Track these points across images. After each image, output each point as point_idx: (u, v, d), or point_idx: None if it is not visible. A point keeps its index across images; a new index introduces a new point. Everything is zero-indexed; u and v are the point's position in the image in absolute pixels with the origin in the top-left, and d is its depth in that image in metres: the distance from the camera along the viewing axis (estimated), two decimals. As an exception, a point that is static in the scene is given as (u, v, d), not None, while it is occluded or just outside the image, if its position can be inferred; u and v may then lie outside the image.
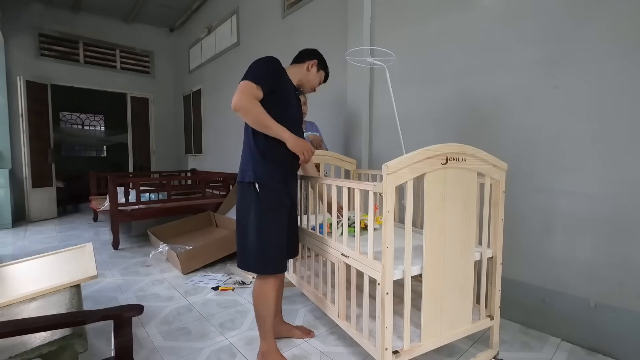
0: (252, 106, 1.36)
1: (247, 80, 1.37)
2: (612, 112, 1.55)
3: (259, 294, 1.51)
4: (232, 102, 1.36)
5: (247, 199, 1.47)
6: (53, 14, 5.52)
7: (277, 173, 1.49)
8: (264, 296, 1.50)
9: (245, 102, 1.35)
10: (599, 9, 1.58)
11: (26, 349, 0.92)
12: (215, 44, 5.41)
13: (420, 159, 1.20)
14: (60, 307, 1.19)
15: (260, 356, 1.54)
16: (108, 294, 2.35)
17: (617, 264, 1.56)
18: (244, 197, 1.49)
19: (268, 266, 1.47)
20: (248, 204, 1.47)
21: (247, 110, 1.36)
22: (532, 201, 1.82)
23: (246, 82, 1.36)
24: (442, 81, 2.23)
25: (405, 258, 1.25)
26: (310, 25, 3.48)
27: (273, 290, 1.51)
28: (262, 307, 1.51)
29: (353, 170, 2.43)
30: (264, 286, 1.50)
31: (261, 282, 1.51)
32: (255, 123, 1.40)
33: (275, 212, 1.48)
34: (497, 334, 1.55)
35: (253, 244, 1.45)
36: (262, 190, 1.44)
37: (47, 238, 3.98)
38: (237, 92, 1.35)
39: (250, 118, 1.39)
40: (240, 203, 1.52)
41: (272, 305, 1.51)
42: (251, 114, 1.37)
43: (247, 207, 1.47)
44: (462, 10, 2.11)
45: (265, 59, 1.46)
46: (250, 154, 1.48)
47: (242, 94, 1.35)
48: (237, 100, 1.35)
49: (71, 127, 8.84)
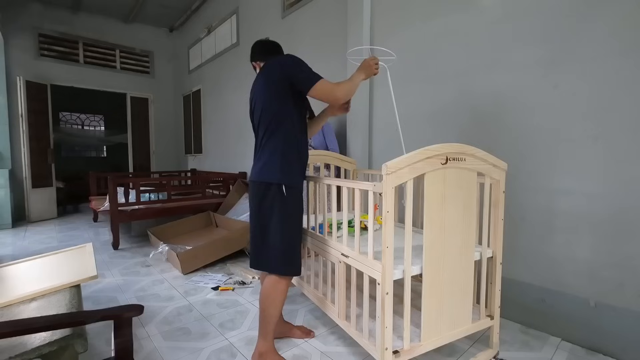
0: (344, 88, 1.48)
1: (321, 78, 1.47)
2: (612, 112, 1.55)
3: (271, 293, 1.49)
4: (338, 96, 1.46)
5: (270, 200, 1.45)
6: (53, 14, 5.52)
7: (300, 177, 1.53)
8: (275, 296, 1.49)
9: (343, 90, 1.47)
10: (599, 8, 1.58)
11: (26, 349, 0.91)
12: (215, 44, 5.41)
13: (420, 158, 1.20)
14: (60, 307, 1.19)
15: (257, 356, 1.52)
16: (108, 294, 2.35)
17: (617, 264, 1.56)
18: (265, 197, 1.46)
19: (289, 267, 1.49)
20: (271, 204, 1.45)
21: (347, 93, 1.49)
22: (532, 201, 1.82)
23: (322, 80, 1.46)
24: (442, 81, 2.23)
25: (405, 258, 1.25)
26: (310, 25, 3.48)
27: (286, 291, 1.52)
28: (272, 307, 1.50)
29: (353, 170, 2.43)
30: (278, 286, 1.49)
31: (276, 282, 1.49)
32: (351, 93, 1.52)
33: (298, 214, 1.52)
34: (497, 334, 1.55)
35: (275, 245, 1.46)
36: (288, 193, 1.45)
37: (47, 238, 3.98)
38: (332, 90, 1.45)
39: (350, 94, 1.51)
40: (260, 203, 1.48)
41: (281, 306, 1.52)
42: (349, 92, 1.49)
43: (269, 207, 1.46)
44: (462, 10, 2.11)
45: (297, 58, 1.53)
46: (278, 155, 1.46)
47: (333, 88, 1.46)
48: (338, 93, 1.45)
49: (71, 127, 8.84)
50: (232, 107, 5.01)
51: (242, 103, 4.75)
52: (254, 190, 1.51)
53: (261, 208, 1.48)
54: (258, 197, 1.49)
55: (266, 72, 1.53)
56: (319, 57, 3.36)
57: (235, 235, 2.96)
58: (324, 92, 1.44)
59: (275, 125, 1.47)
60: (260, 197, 1.48)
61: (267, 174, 1.46)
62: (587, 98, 1.62)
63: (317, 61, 3.38)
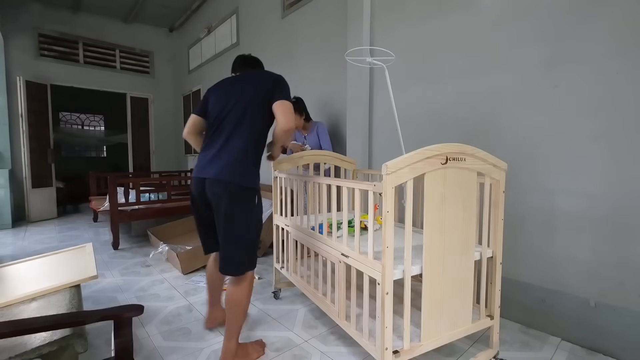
0: (292, 129, 1.52)
1: (289, 101, 1.52)
2: (612, 112, 1.55)
3: (249, 292, 1.54)
4: (288, 122, 1.47)
5: (244, 202, 1.47)
6: (53, 14, 5.52)
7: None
8: (250, 292, 1.56)
9: (292, 126, 1.50)
10: (599, 8, 1.58)
11: (26, 349, 0.92)
12: (215, 44, 5.41)
13: (420, 158, 1.20)
14: (60, 307, 1.19)
15: (230, 356, 1.49)
16: (108, 294, 2.35)
17: (617, 264, 1.56)
18: (238, 200, 1.45)
19: (254, 261, 1.57)
20: (245, 207, 1.48)
21: (290, 132, 1.52)
22: (532, 201, 1.83)
23: (291, 104, 1.52)
24: (442, 81, 2.23)
25: (405, 258, 1.25)
26: (310, 25, 3.48)
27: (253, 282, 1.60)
28: (247, 303, 1.55)
29: (353, 170, 2.43)
30: (252, 281, 1.56)
31: (249, 279, 1.53)
32: (288, 138, 1.57)
33: (261, 214, 1.59)
34: (497, 334, 1.55)
35: (250, 243, 1.52)
36: (257, 195, 1.53)
37: (47, 238, 3.98)
38: (290, 114, 1.49)
39: (290, 137, 1.55)
40: (235, 206, 1.45)
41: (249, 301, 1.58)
42: (290, 134, 1.53)
43: (244, 210, 1.47)
44: (461, 10, 2.11)
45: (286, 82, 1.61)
46: (247, 160, 1.49)
47: (293, 115, 1.51)
48: (292, 124, 1.49)
49: (71, 127, 8.83)
50: (232, 107, 5.00)
51: (242, 103, 4.75)
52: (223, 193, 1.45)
53: (238, 212, 1.46)
54: (231, 200, 1.45)
55: (257, 77, 1.61)
56: (318, 57, 3.36)
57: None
58: (289, 109, 1.50)
59: (249, 127, 1.51)
60: (233, 200, 1.45)
61: (237, 177, 1.45)
62: (587, 98, 1.62)
63: (317, 61, 3.39)
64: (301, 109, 2.93)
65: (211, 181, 1.47)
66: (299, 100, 2.97)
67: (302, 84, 3.57)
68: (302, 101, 2.97)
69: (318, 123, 2.98)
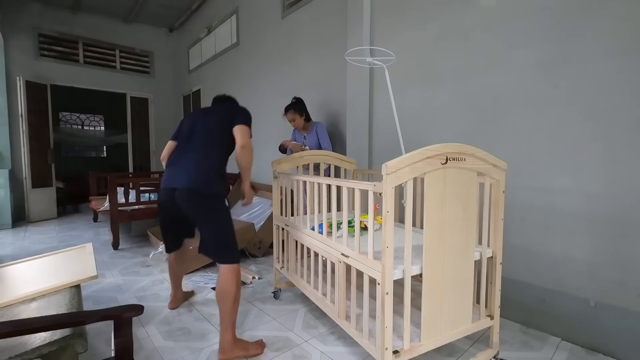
0: (251, 154, 1.76)
1: (248, 126, 1.76)
2: (612, 111, 1.55)
3: (237, 283, 1.63)
4: (243, 141, 1.70)
5: (217, 206, 1.69)
6: (53, 14, 5.52)
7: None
8: (238, 283, 1.65)
9: (250, 144, 1.74)
10: (599, 8, 1.58)
11: (26, 349, 0.92)
12: (215, 44, 5.41)
13: (420, 158, 1.20)
14: (60, 307, 1.19)
15: (229, 348, 1.57)
16: (108, 294, 2.35)
17: (617, 263, 1.56)
18: (213, 205, 1.68)
19: (238, 254, 1.72)
20: (219, 209, 1.69)
21: (250, 151, 1.74)
22: (532, 201, 1.82)
23: (248, 128, 1.76)
24: (442, 81, 2.23)
25: (405, 258, 1.25)
26: (310, 25, 3.48)
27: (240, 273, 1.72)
28: (237, 294, 1.63)
29: (353, 170, 2.43)
30: (239, 273, 1.67)
31: (236, 271, 1.65)
32: (251, 161, 1.78)
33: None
34: (497, 334, 1.55)
35: (231, 238, 1.70)
36: (225, 199, 1.75)
37: (47, 238, 3.98)
38: (246, 134, 1.72)
39: (250, 156, 1.75)
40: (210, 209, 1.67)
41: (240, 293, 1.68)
42: (251, 154, 1.76)
43: (218, 211, 1.68)
44: (462, 10, 2.11)
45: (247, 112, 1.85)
46: (217, 170, 1.75)
47: (248, 137, 1.74)
48: (247, 141, 1.72)
49: (71, 127, 8.83)
50: (232, 107, 5.01)
51: (242, 103, 4.74)
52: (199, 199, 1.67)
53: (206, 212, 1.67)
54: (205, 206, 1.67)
55: (226, 108, 1.91)
56: (318, 57, 3.36)
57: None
58: (245, 131, 1.73)
59: (215, 145, 1.76)
60: (207, 206, 1.68)
61: (208, 186, 1.67)
62: (587, 98, 1.62)
63: (317, 61, 3.39)
64: (301, 109, 2.94)
65: (182, 191, 1.66)
66: (300, 100, 2.98)
67: (302, 84, 3.58)
68: (302, 101, 2.98)
69: (317, 123, 2.98)
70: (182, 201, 1.67)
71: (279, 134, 3.88)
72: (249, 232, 3.03)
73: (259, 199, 3.67)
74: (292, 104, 2.96)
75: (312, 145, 2.94)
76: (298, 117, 2.92)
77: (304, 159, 2.24)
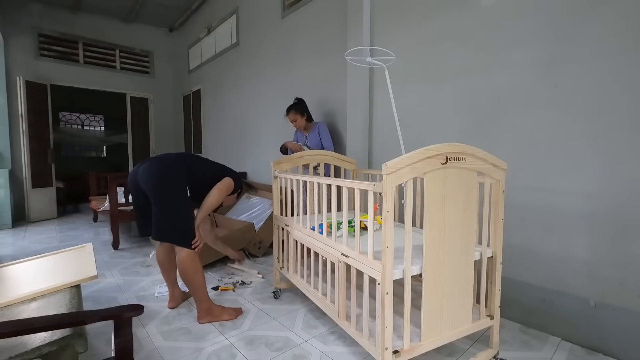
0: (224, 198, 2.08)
1: (232, 179, 2.10)
2: (612, 111, 1.55)
3: (192, 262, 1.87)
4: (225, 187, 2.02)
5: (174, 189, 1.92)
6: (53, 14, 5.51)
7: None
8: (194, 262, 1.88)
9: (226, 194, 2.07)
10: (599, 8, 1.58)
11: (26, 349, 0.92)
12: (214, 44, 5.40)
13: (420, 158, 1.20)
14: (60, 307, 1.19)
15: (205, 314, 1.90)
16: (108, 294, 2.35)
17: (617, 263, 1.56)
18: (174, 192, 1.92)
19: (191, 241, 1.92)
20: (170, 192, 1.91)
21: (222, 198, 2.04)
22: (532, 201, 1.83)
23: (232, 181, 2.09)
24: (442, 81, 2.23)
25: (405, 258, 1.25)
26: (309, 25, 3.48)
27: (197, 258, 1.93)
28: (196, 271, 1.88)
29: (353, 170, 2.43)
30: (191, 254, 1.88)
31: (186, 251, 1.86)
32: (216, 204, 2.03)
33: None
34: (497, 334, 1.55)
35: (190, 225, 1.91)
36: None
37: (47, 238, 3.98)
38: (226, 186, 2.04)
39: (219, 201, 2.04)
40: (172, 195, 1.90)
41: (202, 270, 1.93)
42: (220, 201, 2.05)
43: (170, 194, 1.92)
44: (461, 10, 2.10)
45: (238, 175, 2.19)
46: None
47: (228, 189, 2.05)
48: (226, 190, 2.04)
49: (71, 127, 8.83)
50: (231, 107, 5.01)
51: (242, 103, 4.75)
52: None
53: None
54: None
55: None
56: (318, 57, 3.36)
57: (236, 235, 2.96)
58: (225, 183, 2.07)
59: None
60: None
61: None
62: (586, 98, 1.62)
63: (317, 61, 3.39)
64: (303, 109, 2.94)
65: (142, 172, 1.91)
66: (301, 101, 2.98)
67: (302, 84, 3.58)
68: (303, 102, 2.98)
69: (319, 123, 2.99)
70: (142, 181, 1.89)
71: (279, 134, 3.88)
72: (249, 232, 3.03)
73: (259, 199, 3.68)
74: (294, 105, 2.96)
75: (314, 146, 2.94)
76: (299, 117, 2.93)
77: (304, 159, 2.24)
